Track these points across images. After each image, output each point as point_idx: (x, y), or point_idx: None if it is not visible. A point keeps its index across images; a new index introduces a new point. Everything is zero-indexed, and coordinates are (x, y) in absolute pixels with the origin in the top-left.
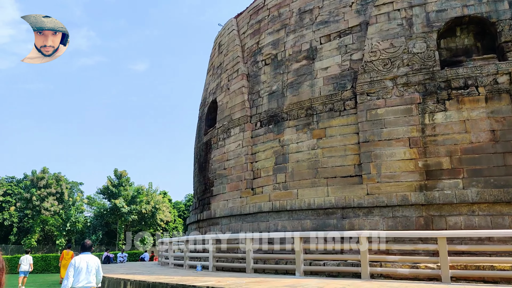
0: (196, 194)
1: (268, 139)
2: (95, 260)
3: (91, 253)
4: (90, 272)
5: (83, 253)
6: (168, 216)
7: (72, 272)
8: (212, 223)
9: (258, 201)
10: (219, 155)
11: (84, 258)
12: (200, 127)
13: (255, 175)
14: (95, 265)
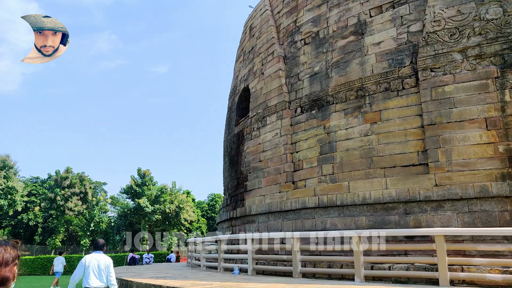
0: (227, 190)
1: (311, 126)
2: (106, 259)
3: (103, 252)
4: (101, 272)
5: (95, 252)
6: (192, 216)
7: (79, 269)
8: (247, 221)
9: (301, 196)
10: (253, 146)
11: (95, 257)
12: (230, 117)
13: (296, 167)
14: (106, 264)
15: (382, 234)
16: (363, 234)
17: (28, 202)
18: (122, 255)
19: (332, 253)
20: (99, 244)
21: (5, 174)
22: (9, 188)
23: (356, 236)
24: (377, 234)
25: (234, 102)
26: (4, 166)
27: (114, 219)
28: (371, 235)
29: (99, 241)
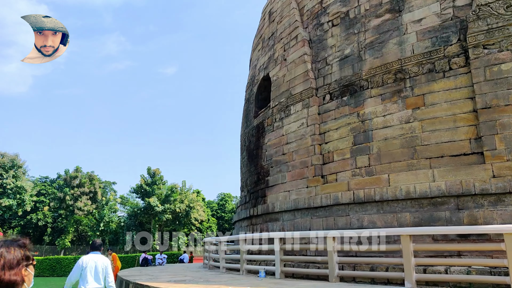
0: (246, 187)
1: (342, 114)
2: (104, 260)
3: (100, 252)
4: (99, 273)
5: (92, 252)
6: (202, 215)
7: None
8: (269, 219)
9: (332, 191)
10: (275, 138)
11: (93, 258)
12: (248, 109)
13: (326, 159)
14: (103, 265)
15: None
16: (413, 232)
17: (37, 202)
18: (133, 255)
19: (372, 254)
20: (96, 245)
21: (14, 173)
22: (18, 188)
23: (406, 234)
24: (429, 232)
25: (252, 93)
26: (13, 166)
27: (124, 219)
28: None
29: (96, 241)
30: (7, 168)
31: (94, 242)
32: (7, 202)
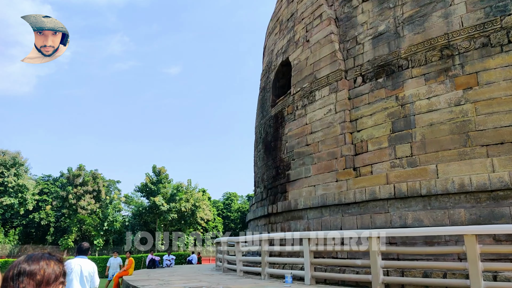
0: (262, 182)
1: (378, 97)
2: (90, 265)
3: (87, 257)
4: (83, 279)
5: (79, 256)
6: (208, 215)
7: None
8: (291, 217)
9: (368, 184)
10: (297, 128)
11: (79, 262)
12: (264, 99)
13: (358, 149)
14: (89, 270)
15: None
16: (479, 231)
17: (40, 201)
18: (137, 256)
19: (423, 256)
20: (83, 248)
21: (16, 171)
22: (19, 186)
23: (471, 234)
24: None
25: (269, 80)
26: (15, 163)
27: (129, 218)
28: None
29: (83, 244)
30: (8, 166)
31: (81, 245)
32: (9, 200)
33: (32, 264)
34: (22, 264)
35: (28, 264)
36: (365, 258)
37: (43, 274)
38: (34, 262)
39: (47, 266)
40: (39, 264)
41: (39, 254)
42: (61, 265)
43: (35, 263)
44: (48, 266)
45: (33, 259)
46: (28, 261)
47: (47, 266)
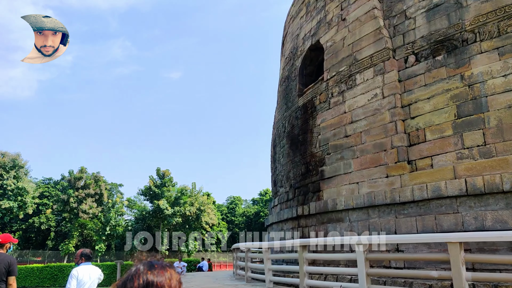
0: (288, 181)
1: (437, 78)
2: (97, 271)
3: (91, 263)
4: (93, 286)
5: (86, 263)
6: (213, 219)
7: (75, 285)
8: (328, 219)
9: (429, 180)
10: (332, 118)
11: (87, 270)
12: (289, 89)
13: (413, 139)
14: (96, 277)
15: None
16: None
17: (40, 205)
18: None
19: (502, 267)
20: (91, 255)
21: (15, 174)
22: (19, 189)
23: None
24: None
25: (295, 68)
26: (14, 166)
27: (132, 223)
28: None
29: (87, 251)
30: (7, 169)
31: (88, 253)
32: (8, 204)
33: (158, 275)
34: (148, 275)
35: (154, 275)
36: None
37: (170, 285)
38: (160, 272)
39: (171, 276)
40: (164, 275)
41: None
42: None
43: (161, 273)
44: (171, 276)
45: (156, 269)
46: (153, 271)
47: (171, 276)
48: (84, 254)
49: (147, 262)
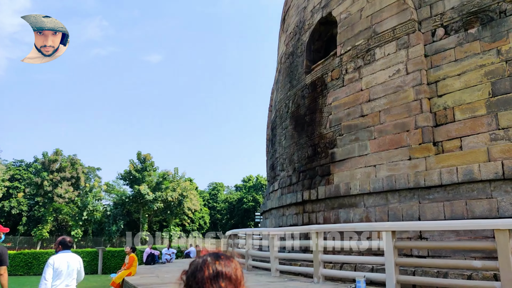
0: (291, 164)
1: (470, 52)
2: (76, 259)
3: (70, 251)
4: (70, 275)
5: (64, 251)
6: (196, 205)
7: (51, 274)
8: (339, 204)
9: (458, 162)
10: (346, 96)
11: (65, 258)
12: (294, 65)
13: (440, 119)
14: (76, 266)
15: None
16: None
17: (10, 188)
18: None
19: None
20: (68, 243)
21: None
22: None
23: None
24: None
25: (301, 43)
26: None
27: (110, 208)
28: None
29: (67, 238)
30: None
31: (67, 240)
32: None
33: (226, 265)
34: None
35: (221, 265)
36: (455, 256)
37: (237, 275)
38: (227, 263)
39: (236, 266)
40: (231, 265)
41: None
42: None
43: (228, 264)
44: (236, 266)
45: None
46: (220, 262)
47: (236, 266)
48: (61, 242)
49: (213, 254)
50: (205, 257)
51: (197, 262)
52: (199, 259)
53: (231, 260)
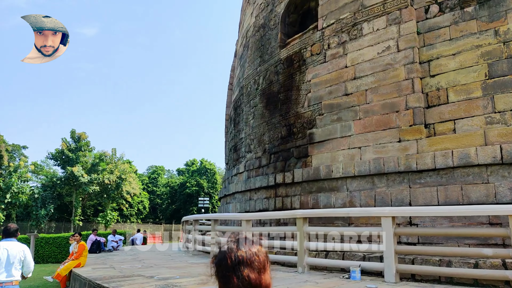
0: (260, 145)
1: (466, 32)
2: (19, 248)
3: (16, 239)
4: (11, 264)
5: (6, 239)
6: (135, 189)
7: None
8: (318, 188)
9: (453, 146)
10: (328, 72)
11: (4, 246)
12: (266, 39)
13: (432, 100)
14: (19, 254)
15: None
16: None
17: None
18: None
19: None
20: (11, 230)
21: None
22: None
23: None
24: None
25: (275, 14)
26: None
27: (38, 190)
28: None
29: (11, 226)
30: None
31: (8, 227)
32: None
33: (247, 252)
34: (238, 253)
35: (243, 253)
36: (448, 243)
37: (260, 260)
38: (249, 249)
39: (258, 251)
40: (252, 250)
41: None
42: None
43: (249, 250)
44: (259, 251)
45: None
46: (241, 248)
47: (258, 251)
48: (4, 230)
49: (236, 240)
50: (230, 245)
51: (223, 251)
52: (225, 246)
53: (254, 245)
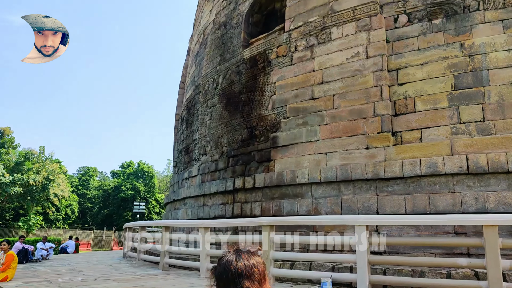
0: (217, 148)
1: (433, 43)
2: None
3: None
4: None
5: None
6: (64, 191)
7: None
8: (282, 194)
9: (421, 154)
10: (295, 75)
11: None
12: (228, 37)
13: (400, 108)
14: None
15: None
16: None
17: None
18: None
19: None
20: None
21: None
22: None
23: None
24: None
25: (238, 13)
26: None
27: None
28: None
29: None
30: None
31: None
32: None
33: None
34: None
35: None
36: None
37: (260, 272)
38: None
39: (257, 263)
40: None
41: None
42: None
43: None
44: (258, 262)
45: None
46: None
47: (257, 262)
48: None
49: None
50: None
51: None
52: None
53: (253, 256)
